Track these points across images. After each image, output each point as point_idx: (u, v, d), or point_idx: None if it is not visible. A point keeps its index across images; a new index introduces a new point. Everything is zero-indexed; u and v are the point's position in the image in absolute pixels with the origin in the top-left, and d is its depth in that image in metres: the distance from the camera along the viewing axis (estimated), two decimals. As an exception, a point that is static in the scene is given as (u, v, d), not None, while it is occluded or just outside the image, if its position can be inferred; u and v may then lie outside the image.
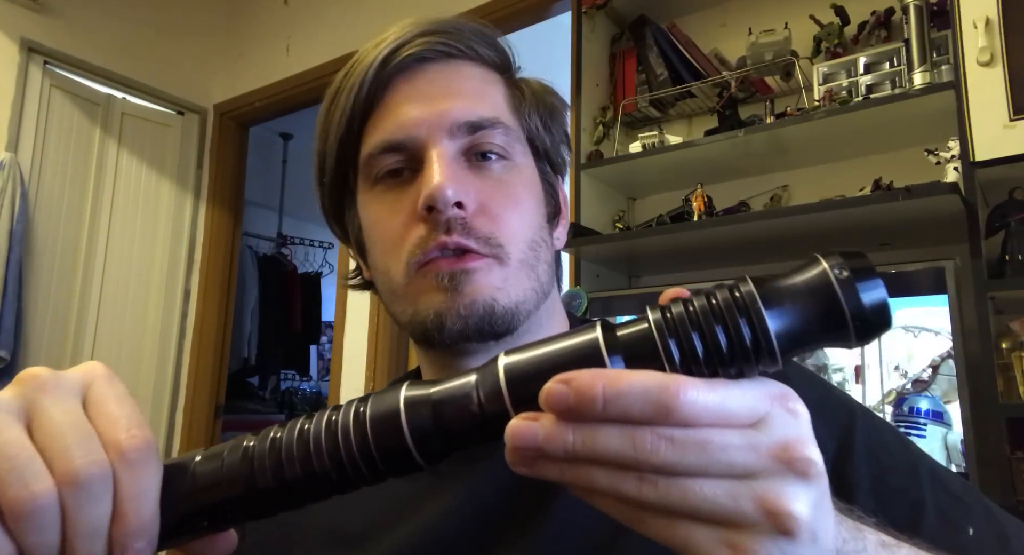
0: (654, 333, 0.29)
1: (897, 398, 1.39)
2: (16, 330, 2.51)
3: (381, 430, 0.30)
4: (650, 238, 1.82)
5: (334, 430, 0.30)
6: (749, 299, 0.28)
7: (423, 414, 0.30)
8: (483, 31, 0.57)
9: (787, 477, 0.27)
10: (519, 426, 0.28)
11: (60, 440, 0.28)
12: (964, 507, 0.48)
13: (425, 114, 0.51)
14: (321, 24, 2.95)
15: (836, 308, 0.28)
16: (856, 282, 0.28)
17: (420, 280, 0.50)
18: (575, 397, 0.27)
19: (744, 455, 0.27)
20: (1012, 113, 1.31)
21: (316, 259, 4.62)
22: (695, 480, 0.27)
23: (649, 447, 0.26)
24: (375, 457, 0.30)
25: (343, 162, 0.56)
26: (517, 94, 0.57)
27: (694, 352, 0.28)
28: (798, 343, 0.28)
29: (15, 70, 2.60)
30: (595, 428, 0.27)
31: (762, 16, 1.91)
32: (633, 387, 0.27)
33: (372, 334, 2.58)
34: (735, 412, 0.27)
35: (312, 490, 0.31)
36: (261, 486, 0.31)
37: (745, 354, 0.28)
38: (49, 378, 0.30)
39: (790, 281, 0.29)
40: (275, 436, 0.31)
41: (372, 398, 0.31)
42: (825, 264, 0.29)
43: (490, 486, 0.51)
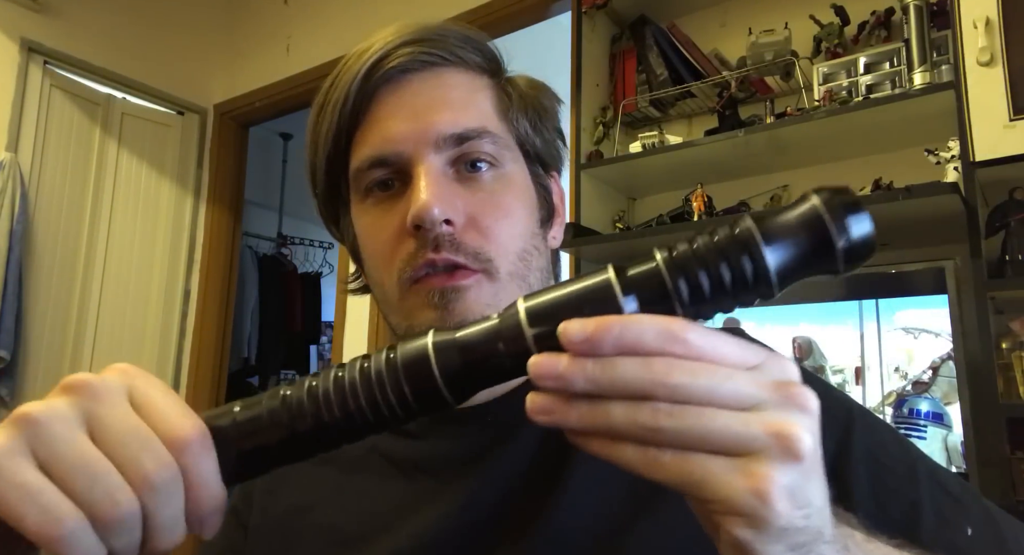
0: (663, 271, 0.30)
1: (897, 400, 1.39)
2: (16, 330, 2.51)
3: (413, 372, 0.32)
4: (650, 238, 1.82)
5: (368, 374, 0.33)
6: (749, 235, 0.30)
7: (451, 354, 0.32)
8: (468, 36, 0.56)
9: (790, 407, 0.29)
10: (541, 358, 0.29)
11: (127, 449, 0.30)
12: (962, 508, 0.48)
13: (410, 128, 0.51)
14: (321, 24, 2.95)
15: (826, 238, 0.30)
16: (846, 214, 0.30)
17: (413, 296, 0.51)
18: (592, 329, 0.28)
19: (749, 386, 0.29)
20: (1012, 113, 1.31)
21: (316, 259, 4.61)
22: (708, 408, 0.28)
23: (663, 368, 0.28)
24: (408, 397, 0.32)
25: (334, 174, 0.56)
26: (504, 98, 0.56)
27: (699, 286, 0.30)
28: (793, 274, 0.30)
29: (15, 70, 2.60)
30: (613, 359, 0.28)
31: (762, 16, 1.91)
32: (643, 322, 0.29)
33: (372, 334, 2.58)
34: (734, 354, 0.29)
35: (350, 429, 0.33)
36: (300, 429, 0.33)
37: (745, 286, 0.30)
38: (99, 385, 0.31)
39: (785, 217, 0.31)
40: (311, 384, 0.33)
41: (399, 345, 0.33)
42: (816, 199, 0.31)
43: (489, 488, 0.51)
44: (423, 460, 0.55)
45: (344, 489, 0.56)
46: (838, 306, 1.49)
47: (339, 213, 0.59)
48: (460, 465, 0.53)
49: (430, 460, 0.55)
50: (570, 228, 1.81)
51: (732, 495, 0.27)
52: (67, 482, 0.29)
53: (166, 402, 0.32)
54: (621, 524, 0.46)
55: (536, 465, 0.51)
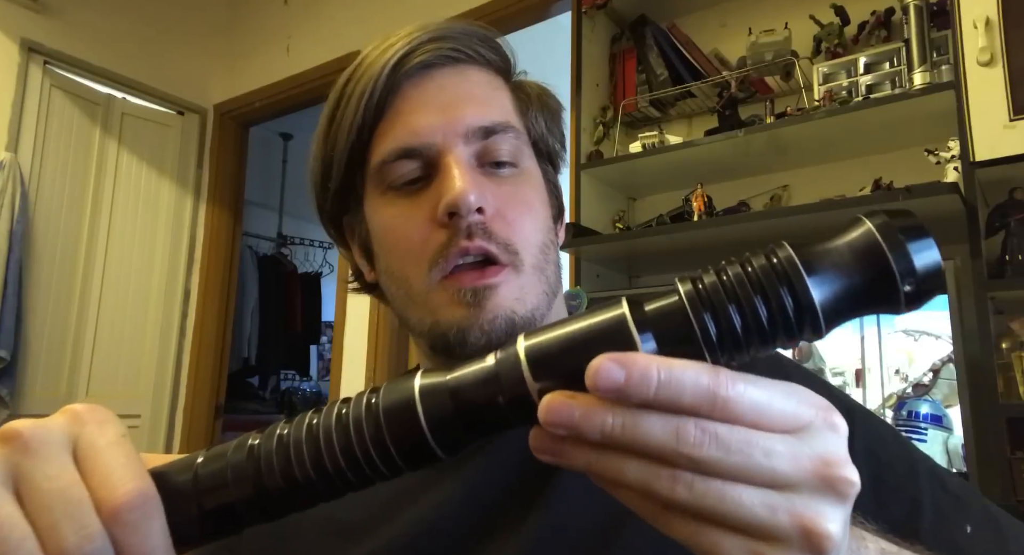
0: (686, 306, 0.26)
1: (897, 402, 1.39)
2: (16, 330, 2.51)
3: (396, 421, 0.28)
4: (650, 238, 1.82)
5: (345, 423, 0.29)
6: (789, 265, 0.26)
7: (440, 401, 0.28)
8: (488, 36, 0.57)
9: (826, 495, 0.26)
10: (555, 402, 0.26)
11: (48, 515, 0.27)
12: (962, 506, 0.48)
13: (439, 120, 0.52)
14: (321, 24, 2.95)
15: (885, 271, 0.25)
16: (907, 242, 0.25)
17: (442, 292, 0.51)
18: (627, 376, 0.25)
19: (786, 463, 0.25)
20: (1012, 113, 1.31)
21: (316, 259, 4.62)
22: (733, 485, 0.25)
23: (693, 440, 0.25)
24: (391, 450, 0.28)
25: (351, 168, 0.56)
26: (522, 97, 0.58)
27: (731, 326, 0.26)
28: (844, 311, 0.26)
29: (15, 70, 2.60)
30: (637, 413, 0.25)
31: (762, 16, 1.91)
32: (685, 373, 0.25)
33: (372, 334, 2.58)
34: (782, 414, 0.26)
35: (325, 488, 0.29)
36: (269, 486, 0.29)
37: (787, 326, 0.25)
38: (32, 436, 0.28)
39: (832, 244, 0.26)
40: (282, 433, 0.29)
41: (384, 388, 0.29)
42: (870, 223, 0.26)
43: (488, 478, 0.51)
44: None
45: None
46: None
47: (347, 209, 0.59)
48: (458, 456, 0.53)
49: None
50: (570, 228, 1.81)
51: None
52: None
53: (111, 456, 0.28)
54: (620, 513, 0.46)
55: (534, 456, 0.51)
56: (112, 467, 0.28)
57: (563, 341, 0.27)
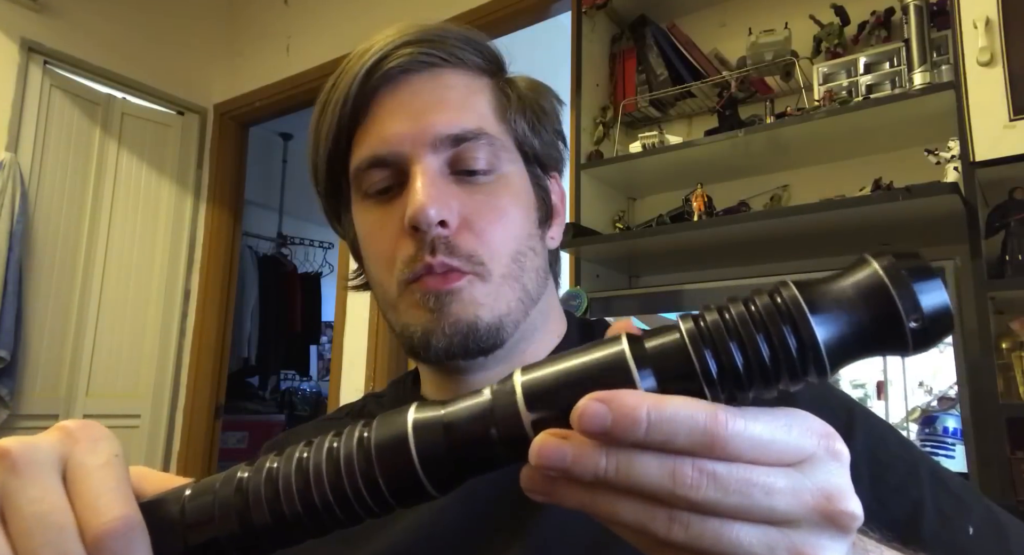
0: (687, 344, 0.26)
1: (924, 416, 1.35)
2: (16, 330, 2.51)
3: (387, 457, 0.27)
4: (650, 238, 1.82)
5: (336, 458, 0.28)
6: (793, 304, 0.25)
7: (433, 438, 0.27)
8: (468, 36, 0.57)
9: (826, 530, 0.25)
10: (546, 443, 0.25)
11: (28, 540, 0.26)
12: (964, 506, 0.48)
13: (408, 128, 0.52)
14: (321, 24, 2.95)
15: (892, 313, 0.25)
16: (913, 283, 0.25)
17: (409, 296, 0.52)
18: (614, 418, 0.24)
19: (787, 501, 0.25)
20: (1012, 113, 1.31)
21: (316, 259, 4.62)
22: (730, 523, 0.25)
23: (690, 482, 0.24)
24: (382, 487, 0.27)
25: (335, 173, 0.57)
26: (503, 99, 0.57)
27: (733, 364, 0.25)
28: (849, 353, 0.26)
29: (15, 70, 2.60)
30: (631, 455, 0.25)
31: (762, 16, 1.91)
32: (679, 412, 0.24)
33: (372, 334, 2.58)
34: (782, 449, 0.25)
35: (313, 525, 0.28)
36: (257, 523, 0.28)
37: (791, 366, 0.25)
38: (20, 456, 0.27)
39: (838, 284, 0.26)
40: (271, 467, 0.29)
41: (377, 422, 0.29)
42: (876, 264, 0.26)
43: (487, 484, 0.51)
44: None
45: None
46: None
47: (341, 211, 0.60)
48: None
49: None
50: (570, 228, 1.81)
51: None
52: None
53: (100, 479, 0.27)
54: None
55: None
56: (100, 492, 0.27)
57: (560, 376, 0.27)
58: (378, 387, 2.39)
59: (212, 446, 3.06)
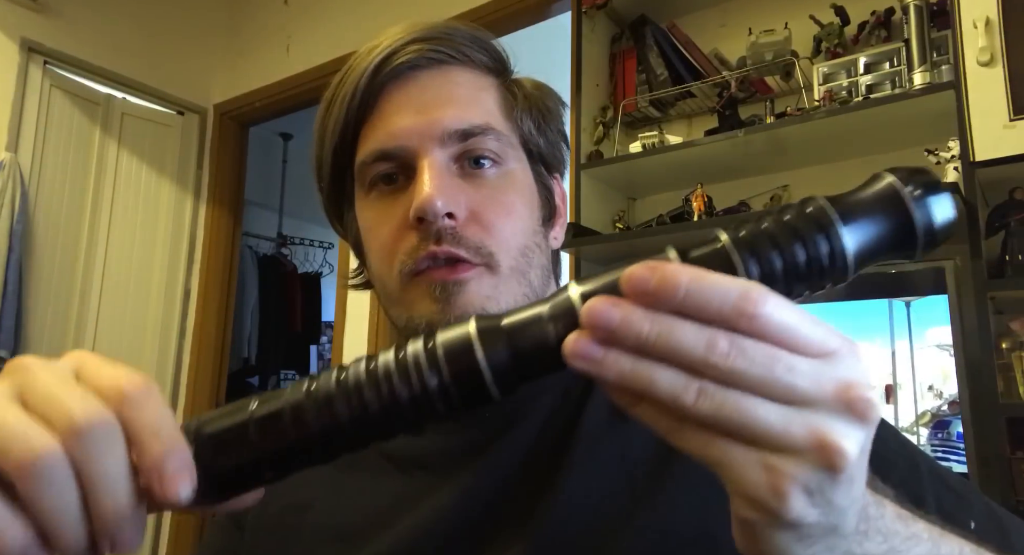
0: (731, 250, 0.28)
1: (936, 421, 1.34)
2: (16, 330, 2.51)
3: (455, 360, 0.29)
4: (650, 238, 1.82)
5: (404, 364, 0.29)
6: (823, 214, 0.28)
7: (496, 342, 0.29)
8: (476, 35, 0.57)
9: (844, 415, 0.27)
10: (597, 304, 0.27)
11: (53, 401, 0.27)
12: (965, 503, 0.48)
13: (416, 123, 0.52)
14: (321, 24, 2.95)
15: (906, 222, 0.28)
16: (925, 196, 0.28)
17: (414, 288, 0.51)
18: (657, 281, 0.27)
19: (808, 382, 0.26)
20: (1012, 113, 1.31)
21: (316, 259, 4.61)
22: (752, 398, 0.26)
23: (721, 349, 0.26)
24: (449, 389, 0.29)
25: (339, 168, 0.57)
26: (510, 97, 0.57)
27: (772, 269, 0.28)
28: (869, 257, 0.29)
29: (15, 70, 2.60)
30: (672, 322, 0.26)
31: (762, 16, 1.91)
32: (716, 285, 0.26)
33: (372, 334, 2.58)
34: (808, 338, 0.27)
35: (381, 427, 0.30)
36: (327, 425, 0.29)
37: (821, 270, 0.28)
38: (36, 361, 0.29)
39: (860, 196, 0.29)
40: (340, 376, 0.30)
41: (439, 332, 0.30)
42: (893, 178, 0.29)
43: (487, 483, 0.51)
44: (420, 456, 0.55)
45: (341, 486, 0.57)
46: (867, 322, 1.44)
47: (343, 208, 0.60)
48: (457, 460, 0.53)
49: (427, 455, 0.55)
50: (570, 228, 1.81)
51: (748, 485, 0.26)
52: None
53: (111, 367, 0.29)
54: (618, 518, 0.47)
55: (533, 459, 0.51)
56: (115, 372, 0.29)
57: (612, 276, 0.29)
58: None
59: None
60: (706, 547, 0.45)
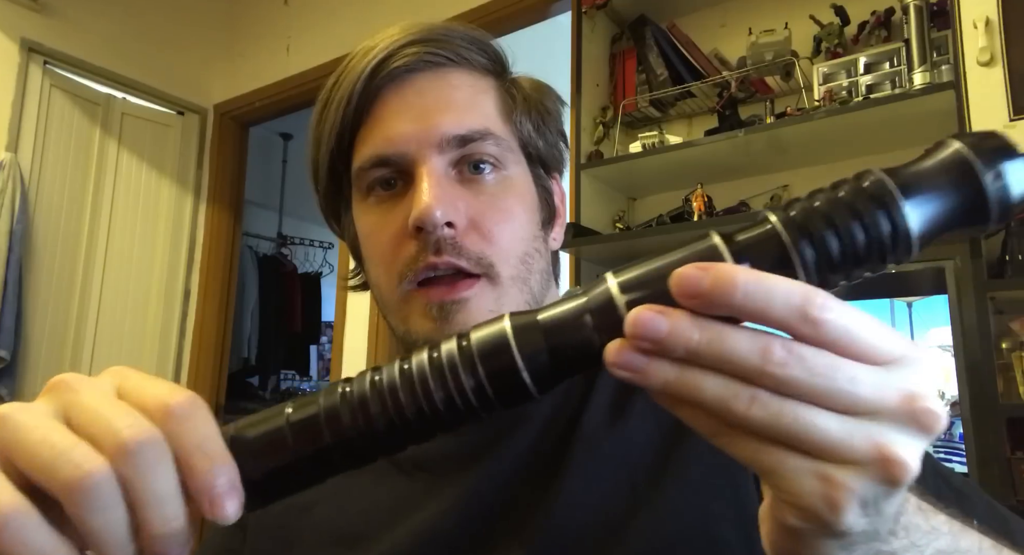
0: (782, 232, 0.26)
1: None
2: (16, 330, 2.51)
3: (490, 358, 0.28)
4: (650, 238, 1.82)
5: (439, 364, 0.28)
6: (883, 189, 0.26)
7: (533, 339, 0.28)
8: (473, 36, 0.56)
9: (907, 427, 0.25)
10: (643, 314, 0.25)
11: (100, 421, 0.27)
12: (968, 502, 0.48)
13: (414, 129, 0.51)
14: (321, 24, 2.95)
15: (977, 194, 0.25)
16: (997, 162, 0.25)
17: (413, 302, 0.51)
18: (711, 283, 0.24)
19: (871, 392, 0.25)
20: (1012, 113, 1.31)
21: (316, 259, 4.61)
22: (810, 407, 0.24)
23: (777, 358, 0.24)
24: (486, 387, 0.28)
25: (336, 172, 0.56)
26: (508, 100, 0.56)
27: (828, 252, 0.25)
28: (935, 232, 0.26)
29: (15, 70, 2.60)
30: (723, 329, 0.25)
31: (762, 16, 1.91)
32: (777, 287, 0.24)
33: (372, 334, 2.58)
34: (873, 345, 0.25)
35: (419, 428, 0.29)
36: (364, 429, 0.29)
37: (882, 250, 0.26)
38: (78, 378, 0.29)
39: (922, 165, 0.27)
40: (374, 378, 0.29)
41: (473, 331, 0.29)
42: (959, 143, 0.26)
43: (489, 484, 0.51)
44: (423, 458, 0.55)
45: (344, 487, 0.56)
46: None
47: (340, 211, 0.60)
48: (460, 462, 0.53)
49: (430, 457, 0.55)
50: (570, 228, 1.81)
51: (801, 495, 0.25)
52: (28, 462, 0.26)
53: (156, 383, 0.29)
54: (620, 517, 0.47)
55: (534, 461, 0.51)
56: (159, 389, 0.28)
57: (656, 271, 0.27)
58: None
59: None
60: (706, 548, 0.45)
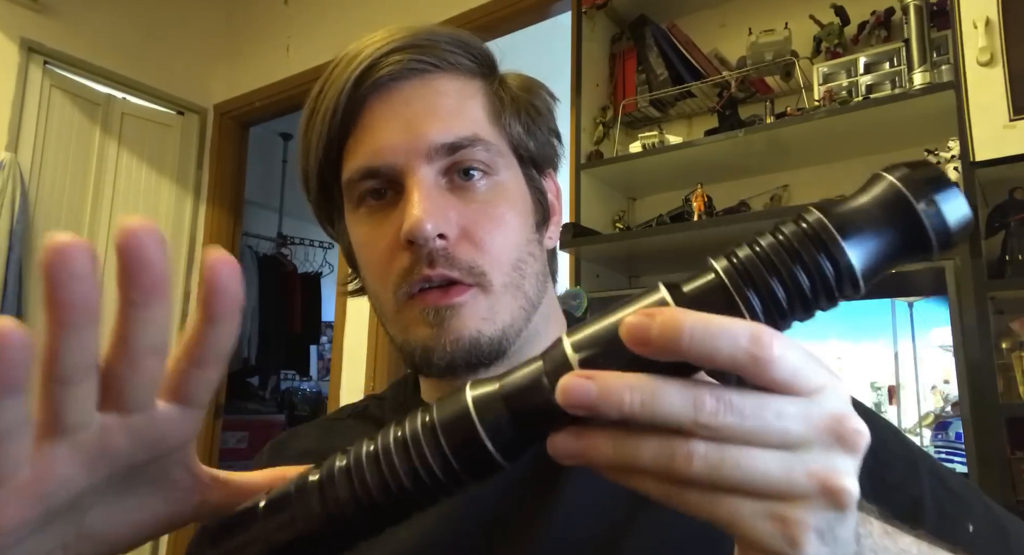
0: (727, 283, 0.26)
1: (938, 422, 1.34)
2: (16, 330, 2.50)
3: (454, 434, 0.28)
4: (650, 238, 1.82)
5: (404, 444, 0.29)
6: (822, 229, 0.26)
7: (495, 410, 0.28)
8: (459, 39, 0.55)
9: (838, 449, 0.26)
10: (572, 381, 0.26)
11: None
12: (964, 504, 0.48)
13: (402, 139, 0.51)
14: (321, 24, 2.95)
15: (916, 225, 0.26)
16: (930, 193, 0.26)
17: (409, 311, 0.51)
18: (659, 328, 0.25)
19: (799, 424, 0.26)
20: (1012, 113, 1.31)
21: (316, 259, 4.62)
22: (748, 450, 0.25)
23: (709, 408, 0.25)
24: (452, 463, 0.28)
25: (326, 182, 0.56)
26: (497, 102, 0.56)
27: (775, 298, 0.26)
28: (880, 268, 0.26)
29: (15, 70, 2.60)
30: (655, 386, 0.25)
31: (762, 16, 1.91)
32: (723, 327, 0.25)
33: (372, 334, 2.58)
34: (807, 377, 0.26)
35: (391, 511, 0.29)
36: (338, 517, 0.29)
37: (828, 291, 0.26)
38: None
39: (858, 201, 0.27)
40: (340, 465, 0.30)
41: (436, 405, 0.29)
42: (892, 178, 0.27)
43: (489, 489, 0.51)
44: None
45: None
46: (870, 322, 1.43)
47: (334, 218, 0.59)
48: None
49: None
50: (570, 228, 1.81)
51: (762, 539, 0.26)
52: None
53: None
54: (621, 524, 0.46)
55: (535, 465, 0.51)
56: None
57: (608, 330, 0.27)
58: (378, 387, 2.39)
59: (212, 446, 3.06)
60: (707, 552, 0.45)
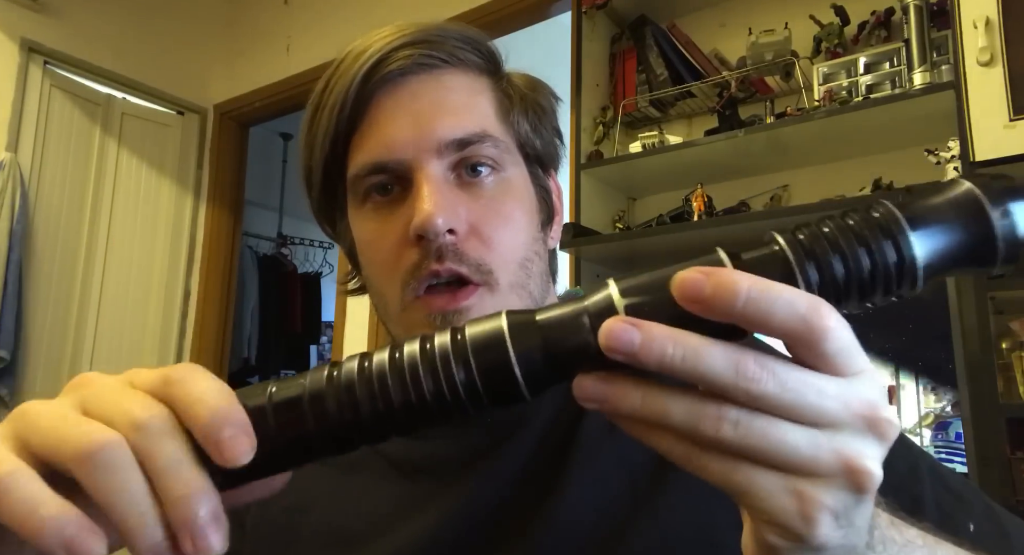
0: (788, 253, 0.26)
1: (938, 422, 1.34)
2: (16, 330, 2.51)
3: (485, 354, 0.27)
4: (650, 238, 1.82)
5: (431, 356, 0.27)
6: (892, 219, 0.26)
7: (530, 339, 0.27)
8: (467, 36, 0.55)
9: (868, 435, 0.26)
10: (616, 326, 0.25)
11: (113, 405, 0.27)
12: (964, 504, 0.48)
13: (411, 134, 0.50)
14: (321, 24, 2.95)
15: (986, 231, 0.25)
16: (1005, 201, 0.26)
17: (415, 313, 0.50)
18: (713, 287, 0.24)
19: (836, 404, 0.25)
20: (1012, 113, 1.31)
21: (316, 259, 4.61)
22: (779, 423, 0.25)
23: (751, 373, 0.24)
24: (477, 384, 0.27)
25: (330, 178, 0.55)
26: (505, 100, 0.56)
27: (834, 277, 0.25)
28: (942, 267, 0.26)
29: (15, 70, 2.60)
30: (699, 341, 0.25)
31: (762, 16, 1.91)
32: (782, 294, 0.24)
33: (372, 334, 2.58)
34: (854, 358, 0.26)
35: (404, 420, 0.28)
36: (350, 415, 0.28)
37: (887, 280, 0.26)
38: (96, 374, 0.29)
39: (933, 200, 0.26)
40: (363, 364, 0.28)
41: (468, 324, 0.28)
42: (970, 183, 0.26)
43: (489, 489, 0.51)
44: (423, 461, 0.55)
45: (344, 490, 0.56)
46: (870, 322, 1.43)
47: (335, 216, 0.59)
48: (460, 466, 0.53)
49: (430, 461, 0.55)
50: (570, 228, 1.81)
51: (776, 512, 0.25)
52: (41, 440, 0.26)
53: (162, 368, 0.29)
54: (620, 523, 0.46)
55: (535, 465, 0.51)
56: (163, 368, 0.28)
57: (658, 280, 0.26)
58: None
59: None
60: (708, 553, 0.45)
